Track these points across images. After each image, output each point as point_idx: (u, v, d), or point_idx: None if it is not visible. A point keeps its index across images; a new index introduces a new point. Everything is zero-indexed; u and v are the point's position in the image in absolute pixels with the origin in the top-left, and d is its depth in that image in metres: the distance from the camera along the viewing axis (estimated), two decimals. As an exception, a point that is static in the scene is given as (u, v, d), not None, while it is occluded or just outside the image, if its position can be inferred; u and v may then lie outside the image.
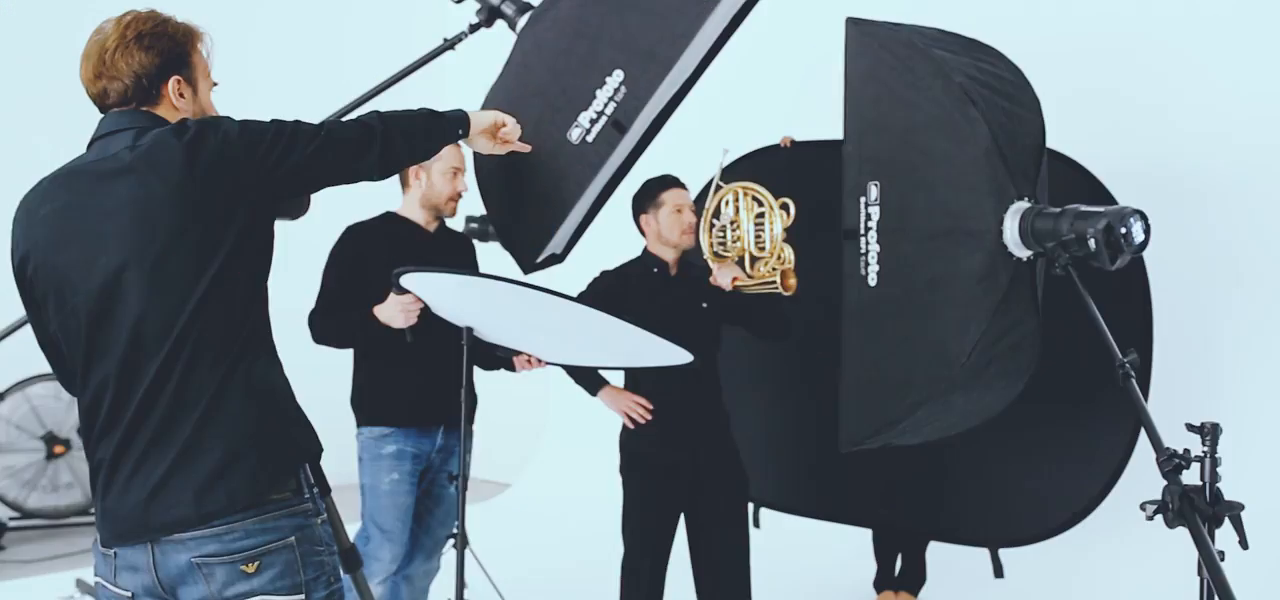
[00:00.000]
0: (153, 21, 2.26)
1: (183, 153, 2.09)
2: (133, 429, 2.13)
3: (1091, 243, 2.71)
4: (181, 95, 2.26)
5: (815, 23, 5.64)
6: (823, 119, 4.77)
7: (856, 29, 3.33)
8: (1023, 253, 2.97)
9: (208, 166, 2.08)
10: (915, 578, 5.04)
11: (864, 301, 3.26)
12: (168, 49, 2.25)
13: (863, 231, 3.27)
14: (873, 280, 3.23)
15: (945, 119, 3.04)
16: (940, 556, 5.00)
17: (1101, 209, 2.75)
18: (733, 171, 4.04)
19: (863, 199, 3.28)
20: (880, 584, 5.07)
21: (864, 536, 5.09)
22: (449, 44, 4.14)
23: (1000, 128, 3.00)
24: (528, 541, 5.68)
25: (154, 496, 2.09)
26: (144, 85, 2.22)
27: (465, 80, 6.42)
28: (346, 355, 3.71)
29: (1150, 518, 2.12)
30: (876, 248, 3.22)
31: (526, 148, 3.34)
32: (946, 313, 3.04)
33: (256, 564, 2.08)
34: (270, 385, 2.16)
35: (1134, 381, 2.36)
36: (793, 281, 3.68)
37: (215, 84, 2.38)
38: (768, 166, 4.37)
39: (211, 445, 2.07)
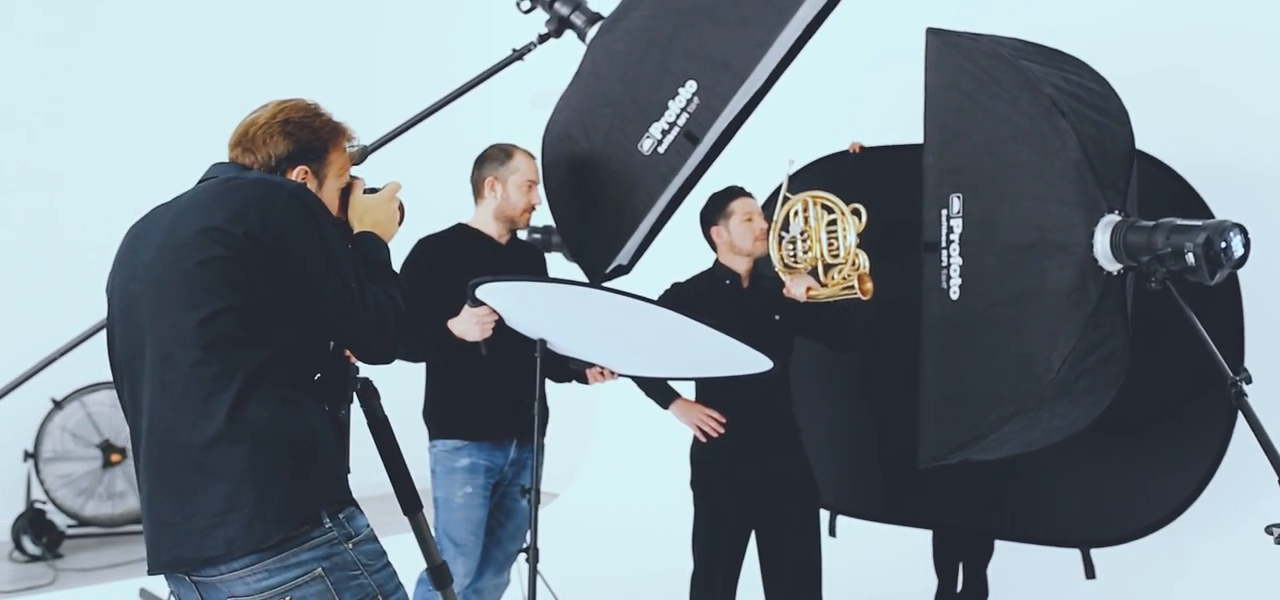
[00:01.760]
0: (303, 112, 2.36)
1: (253, 197, 2.13)
2: (141, 464, 2.16)
3: (1189, 258, 2.67)
4: (305, 183, 2.31)
5: (877, 26, 5.63)
6: (887, 124, 4.75)
7: (937, 39, 3.29)
8: (1113, 266, 2.92)
9: (259, 232, 2.09)
10: (978, 592, 4.97)
11: (946, 315, 3.22)
12: (307, 140, 2.33)
13: (944, 244, 3.24)
14: (955, 293, 3.20)
15: (1032, 130, 3.00)
16: (1003, 572, 4.94)
17: (1199, 223, 2.71)
18: (800, 180, 4.00)
19: (944, 211, 3.24)
20: (942, 598, 5.01)
21: (923, 548, 5.03)
22: (518, 54, 4.14)
23: (1089, 139, 2.96)
24: (579, 551, 5.65)
25: (165, 532, 2.10)
26: (272, 167, 2.31)
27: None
28: (418, 367, 3.70)
29: (1278, 541, 2.07)
30: (959, 260, 3.18)
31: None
32: (1034, 327, 3.00)
33: (288, 599, 2.07)
34: (273, 429, 2.06)
35: (1248, 399, 2.31)
36: (870, 286, 3.63)
37: (353, 180, 2.43)
38: (835, 174, 4.33)
39: (208, 490, 2.03)
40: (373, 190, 2.48)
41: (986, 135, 3.10)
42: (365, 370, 2.44)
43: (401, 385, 4.01)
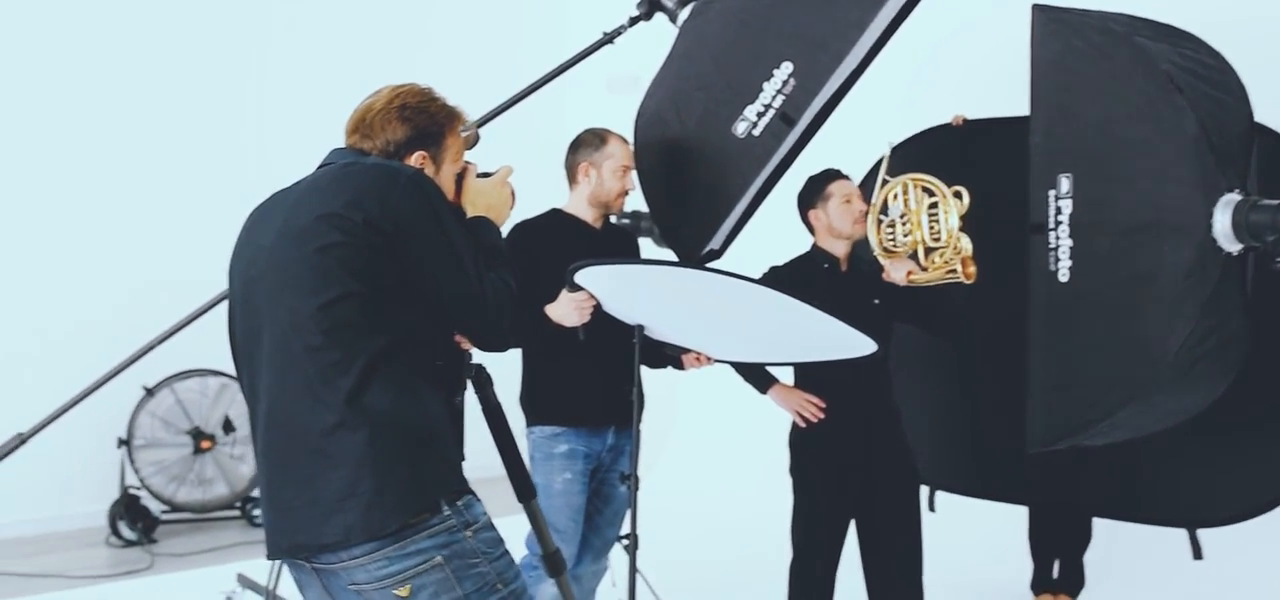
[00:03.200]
0: (419, 97, 2.35)
1: (372, 183, 2.13)
2: (260, 448, 2.17)
3: (1318, 237, 2.58)
4: (423, 168, 2.31)
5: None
6: (987, 96, 4.66)
7: (1044, 16, 3.22)
8: (1233, 247, 2.84)
9: (378, 218, 2.09)
10: (1074, 580, 4.89)
11: (1054, 298, 3.16)
12: (424, 125, 2.33)
13: (1052, 225, 3.17)
14: (1064, 276, 3.13)
15: (1148, 108, 2.93)
16: (1101, 560, 4.85)
17: (1328, 201, 2.62)
18: (900, 154, 3.93)
19: (1052, 192, 3.17)
20: (1037, 586, 4.93)
21: (1020, 532, 4.95)
22: (608, 37, 4.11)
23: (1208, 116, 2.87)
24: (667, 537, 5.63)
25: (284, 518, 2.10)
26: (391, 152, 2.31)
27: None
28: (514, 353, 3.69)
29: None
30: (1068, 242, 3.11)
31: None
32: (1150, 310, 2.93)
33: (408, 587, 2.05)
34: (392, 416, 2.05)
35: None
36: (973, 269, 3.55)
37: (467, 165, 2.43)
38: (935, 147, 4.26)
39: (327, 476, 2.03)
40: (485, 174, 2.47)
41: (1098, 113, 3.03)
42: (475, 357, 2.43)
43: (498, 372, 4.02)
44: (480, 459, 2.65)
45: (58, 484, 6.29)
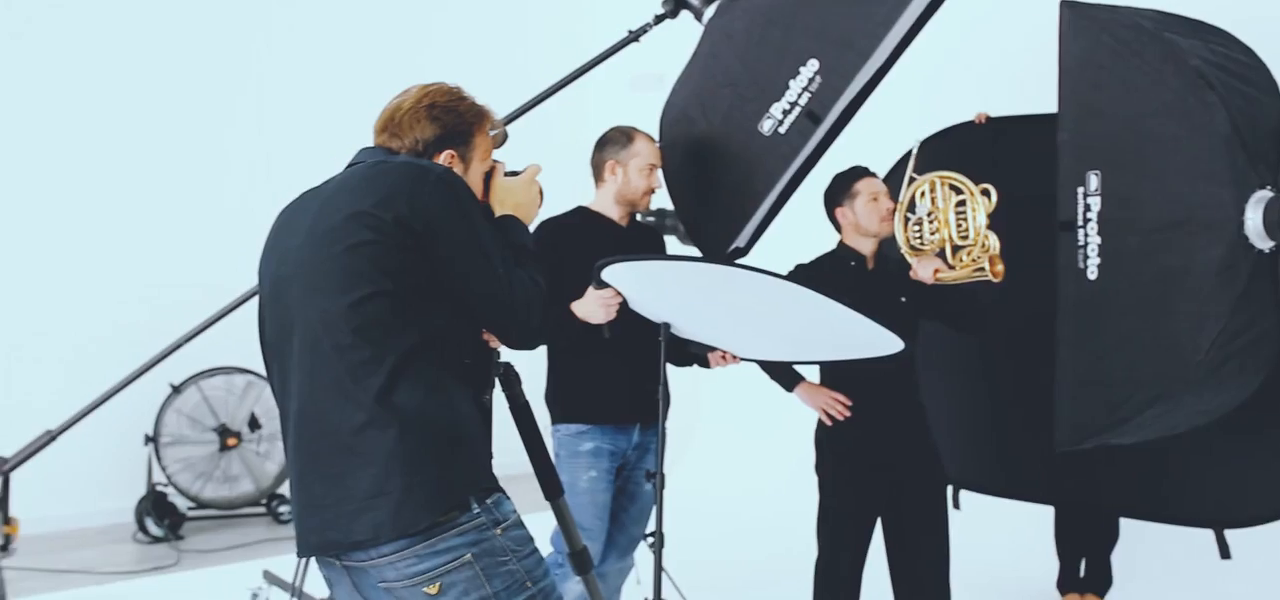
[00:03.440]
0: (448, 96, 2.36)
1: (401, 182, 2.13)
2: (290, 446, 2.17)
3: (1353, 234, 2.55)
4: (451, 166, 2.32)
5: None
6: (1010, 94, 4.64)
7: (1072, 12, 3.19)
8: (1265, 244, 2.82)
9: (408, 217, 2.09)
10: (1101, 579, 4.86)
11: (1083, 296, 3.14)
12: (452, 124, 2.34)
13: (1081, 223, 3.15)
14: (1093, 274, 3.11)
15: (1177, 104, 2.90)
16: (1127, 559, 4.82)
17: (1362, 198, 2.59)
18: (926, 151, 3.92)
19: (1080, 189, 3.15)
20: (1064, 585, 4.90)
21: (1045, 530, 4.93)
22: (633, 35, 4.11)
23: (1239, 112, 2.85)
24: (692, 535, 5.63)
25: (314, 515, 2.11)
26: (419, 150, 2.32)
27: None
28: (539, 351, 3.69)
29: None
30: (1097, 240, 3.10)
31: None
32: (1180, 308, 2.91)
33: (438, 585, 2.05)
34: (422, 414, 2.05)
35: None
36: (1001, 268, 3.53)
37: (495, 164, 2.44)
38: (960, 145, 4.24)
39: (356, 474, 2.04)
40: (514, 173, 2.48)
41: (1127, 110, 3.01)
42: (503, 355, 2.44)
43: (523, 370, 4.03)
44: (506, 456, 2.66)
45: (86, 480, 6.34)
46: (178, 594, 5.27)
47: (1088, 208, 3.11)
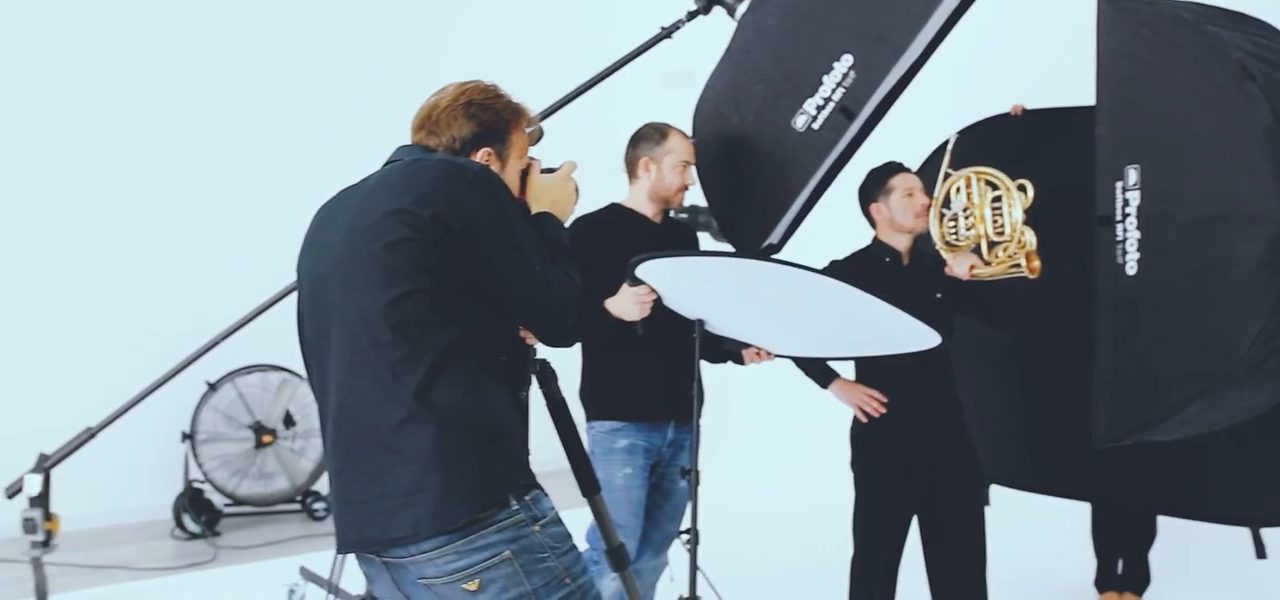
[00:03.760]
0: (484, 94, 2.37)
1: (439, 180, 2.13)
2: (329, 443, 2.18)
3: (1399, 227, 2.52)
4: (488, 164, 2.32)
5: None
6: (1045, 86, 4.60)
7: (1110, 5, 3.17)
8: (1309, 238, 2.78)
9: (447, 215, 2.09)
10: (1139, 578, 4.81)
11: (1122, 291, 3.11)
12: (489, 121, 2.34)
13: (1119, 218, 3.12)
14: (1132, 269, 3.08)
15: (1218, 97, 2.87)
16: (1166, 557, 4.78)
17: None
18: (961, 145, 3.90)
19: (1119, 183, 3.12)
20: (1101, 583, 4.86)
21: (1082, 528, 4.89)
22: (666, 32, 4.11)
23: (1281, 104, 2.81)
24: (726, 532, 5.62)
25: (353, 512, 2.11)
26: (456, 148, 2.32)
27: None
28: (573, 348, 3.69)
29: None
30: (1136, 235, 3.07)
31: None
32: (1221, 304, 2.87)
33: (477, 581, 2.05)
34: (461, 410, 2.06)
35: None
36: (1037, 264, 3.51)
37: (531, 161, 2.44)
38: (995, 138, 4.21)
39: (395, 471, 2.04)
40: (550, 170, 2.48)
41: (1167, 103, 2.98)
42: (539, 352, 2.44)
43: (557, 367, 4.03)
44: (541, 453, 2.66)
45: (124, 477, 6.40)
46: (215, 590, 5.31)
47: (1127, 202, 3.08)
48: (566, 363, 3.73)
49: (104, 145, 6.56)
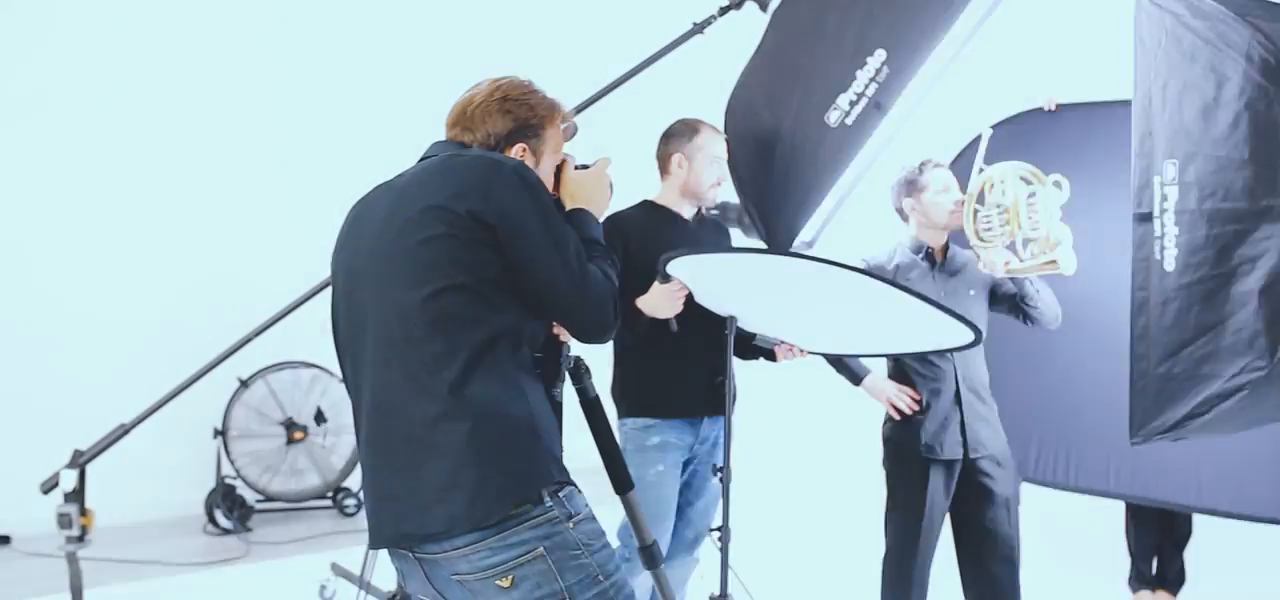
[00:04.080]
0: (520, 90, 2.37)
1: (475, 175, 2.12)
2: (363, 439, 2.18)
3: None
4: (523, 160, 2.32)
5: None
6: (1080, 79, 4.56)
7: (1149, -2, 3.13)
8: (1351, 233, 2.74)
9: (482, 211, 2.09)
10: (1175, 577, 4.77)
11: (1160, 287, 3.07)
12: (524, 117, 2.34)
13: (1157, 213, 3.08)
14: (1170, 265, 3.04)
15: (1259, 90, 2.83)
16: (1201, 556, 4.73)
17: None
18: (995, 140, 3.87)
19: (1157, 178, 3.08)
20: (1136, 582, 4.82)
21: (1117, 527, 4.85)
22: (698, 27, 4.09)
23: (1324, 98, 2.77)
24: (757, 529, 5.61)
25: (387, 507, 2.12)
26: (491, 144, 2.32)
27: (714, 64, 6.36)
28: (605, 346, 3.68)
29: None
30: (1175, 230, 3.02)
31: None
32: (1262, 299, 2.83)
33: (510, 578, 2.05)
34: (495, 407, 2.06)
35: None
36: (1072, 260, 3.48)
37: (565, 157, 2.44)
38: (1030, 132, 4.17)
39: (430, 467, 2.04)
40: (584, 167, 2.47)
41: (1206, 96, 2.93)
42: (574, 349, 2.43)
43: (590, 364, 4.03)
44: (574, 449, 2.65)
45: (157, 473, 6.41)
46: (247, 585, 5.34)
47: (1165, 198, 3.04)
48: (599, 359, 3.73)
49: (138, 142, 6.59)
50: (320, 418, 6.68)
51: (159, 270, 6.61)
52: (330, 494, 6.75)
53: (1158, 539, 4.77)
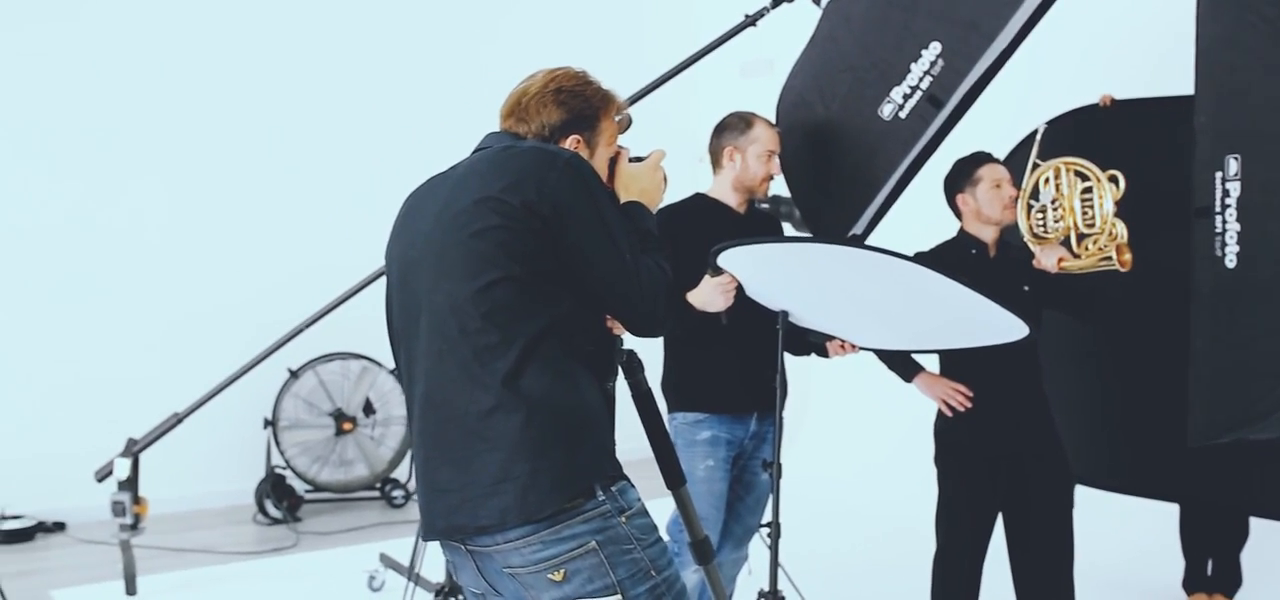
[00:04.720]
0: (575, 80, 2.35)
1: (529, 167, 2.11)
2: (416, 430, 2.18)
3: None
4: (577, 151, 2.30)
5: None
6: (1135, 76, 4.49)
7: (1212, -9, 3.08)
8: None
9: (536, 202, 2.08)
10: (1230, 579, 4.69)
11: (1221, 285, 3.03)
12: (579, 108, 2.32)
13: (1219, 209, 3.03)
14: (1231, 261, 3.00)
15: (1326, 85, 2.78)
16: (1258, 557, 4.65)
17: None
18: (1049, 135, 3.82)
19: (1219, 174, 3.04)
20: (1190, 585, 4.74)
21: (1171, 527, 4.78)
22: (750, 20, 4.09)
23: (1394, 93, 2.71)
24: (805, 525, 5.58)
25: (440, 499, 2.11)
26: (546, 135, 2.30)
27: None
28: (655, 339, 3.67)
29: None
30: (1236, 226, 2.98)
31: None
32: (1326, 298, 2.79)
33: (562, 572, 2.04)
34: (548, 399, 2.05)
35: None
36: (1128, 257, 3.43)
37: (619, 149, 2.42)
38: (1084, 128, 4.11)
39: (483, 459, 2.03)
40: (638, 159, 2.46)
41: (1271, 92, 2.89)
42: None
43: (642, 358, 4.03)
44: (626, 443, 2.64)
45: (208, 463, 6.51)
46: (297, 574, 5.38)
47: (1227, 193, 2.99)
48: (650, 353, 3.72)
49: (193, 138, 6.67)
50: (369, 409, 6.72)
51: (212, 263, 6.68)
52: (378, 485, 6.79)
53: (1213, 541, 4.70)
